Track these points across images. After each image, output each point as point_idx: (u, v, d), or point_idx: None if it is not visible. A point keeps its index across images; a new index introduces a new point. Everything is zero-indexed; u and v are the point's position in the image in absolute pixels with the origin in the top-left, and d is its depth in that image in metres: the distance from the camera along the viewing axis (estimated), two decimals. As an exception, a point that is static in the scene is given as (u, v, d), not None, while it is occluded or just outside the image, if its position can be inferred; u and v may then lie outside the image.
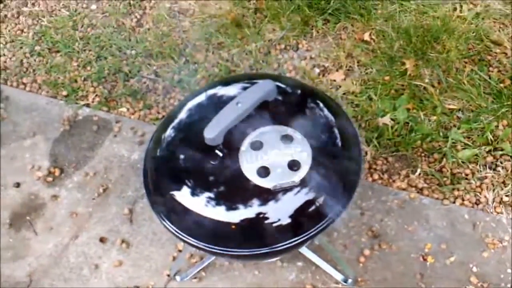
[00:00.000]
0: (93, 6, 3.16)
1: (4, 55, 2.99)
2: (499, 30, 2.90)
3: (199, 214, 1.57)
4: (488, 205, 2.37)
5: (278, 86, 1.65)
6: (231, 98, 1.57)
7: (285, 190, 1.54)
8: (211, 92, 1.78)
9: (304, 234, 1.57)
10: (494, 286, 2.19)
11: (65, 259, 2.33)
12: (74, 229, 2.40)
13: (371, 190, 2.41)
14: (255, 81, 1.66)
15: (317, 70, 2.79)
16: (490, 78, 2.70)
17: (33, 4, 3.20)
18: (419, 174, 2.45)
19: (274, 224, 1.55)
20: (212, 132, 1.49)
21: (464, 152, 2.48)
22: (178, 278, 2.24)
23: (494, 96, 2.65)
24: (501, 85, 2.68)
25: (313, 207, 1.57)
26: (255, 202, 1.55)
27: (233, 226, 1.56)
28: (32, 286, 2.29)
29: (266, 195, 1.54)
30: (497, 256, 2.25)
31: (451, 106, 2.63)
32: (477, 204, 2.38)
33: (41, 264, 2.33)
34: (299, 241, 1.58)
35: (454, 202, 2.38)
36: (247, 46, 2.89)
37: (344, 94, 2.68)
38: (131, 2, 3.15)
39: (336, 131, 1.68)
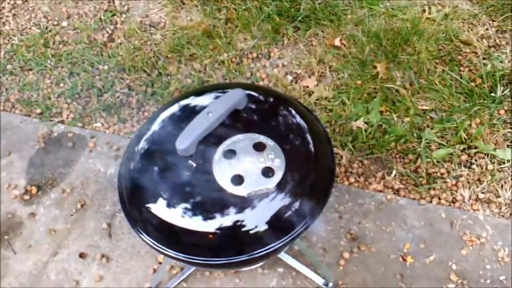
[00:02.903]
0: (64, 23, 3.16)
1: (-24, 75, 2.98)
2: (468, 30, 2.93)
3: (176, 226, 1.57)
4: (464, 203, 2.40)
5: (248, 95, 1.66)
6: (203, 108, 1.58)
7: (260, 197, 1.54)
8: (183, 103, 1.78)
9: (282, 240, 1.58)
10: (474, 283, 2.21)
11: (45, 277, 2.32)
12: (53, 246, 2.39)
13: (348, 193, 2.42)
14: (226, 90, 1.67)
15: (289, 77, 2.81)
16: (461, 77, 2.73)
17: (3, 23, 3.19)
18: (395, 175, 2.47)
19: (252, 231, 1.55)
20: (184, 143, 1.50)
21: (438, 152, 2.51)
22: (159, 290, 2.25)
23: (466, 95, 2.68)
24: (472, 84, 2.71)
25: (289, 212, 1.57)
26: (231, 210, 1.55)
27: (211, 236, 1.56)
28: (13, 306, 2.29)
29: (242, 203, 1.54)
30: (476, 252, 2.28)
31: (424, 107, 2.65)
32: (454, 203, 2.40)
33: (21, 283, 2.31)
34: (277, 246, 1.58)
35: (430, 202, 2.40)
36: (219, 56, 2.90)
37: (317, 100, 2.70)
38: (102, 17, 3.15)
39: (308, 136, 1.68)
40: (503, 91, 2.67)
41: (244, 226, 1.55)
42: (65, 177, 2.57)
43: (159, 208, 1.59)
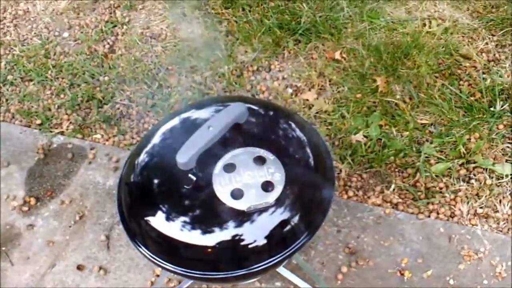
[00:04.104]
0: (65, 34, 3.17)
1: (-24, 85, 2.98)
2: (467, 44, 2.94)
3: (174, 239, 1.56)
4: (463, 218, 2.40)
5: (249, 108, 1.66)
6: (204, 121, 1.58)
7: (260, 211, 1.54)
8: (184, 116, 1.78)
9: (281, 254, 1.57)
10: (472, 298, 2.22)
11: (43, 289, 2.32)
12: (51, 257, 2.39)
13: (346, 207, 2.42)
14: (227, 104, 1.67)
15: (289, 90, 2.82)
16: (460, 92, 2.74)
17: (4, 34, 3.19)
18: (394, 189, 2.47)
19: (250, 246, 1.55)
20: (184, 156, 1.50)
21: (437, 166, 2.51)
22: (157, 303, 2.24)
23: (465, 110, 2.68)
24: (472, 98, 2.72)
25: (288, 227, 1.57)
26: (230, 224, 1.55)
27: (209, 250, 1.56)
28: (11, 317, 2.28)
29: (241, 217, 1.54)
30: (473, 268, 2.27)
31: (423, 121, 2.66)
32: (452, 217, 2.40)
33: (19, 295, 2.32)
34: (275, 261, 1.58)
35: (429, 216, 2.40)
36: (220, 68, 2.91)
37: (317, 113, 2.70)
38: (103, 28, 3.16)
39: (308, 150, 1.68)
40: (502, 106, 2.68)
41: (243, 240, 1.54)
42: (64, 189, 2.57)
43: (158, 221, 1.59)
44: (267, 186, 1.56)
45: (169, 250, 1.60)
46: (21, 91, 2.93)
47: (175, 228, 1.56)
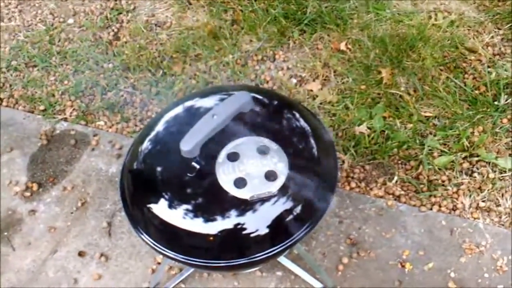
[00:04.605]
0: (70, 20, 3.16)
1: (-20, 70, 2.98)
2: (473, 38, 2.93)
3: (176, 227, 1.57)
4: (465, 211, 2.40)
5: (254, 98, 1.65)
6: (208, 110, 1.58)
7: (262, 200, 1.54)
8: (188, 104, 1.78)
9: (282, 244, 1.58)
10: (473, 292, 2.22)
11: (44, 274, 2.32)
12: (52, 243, 2.39)
13: (348, 198, 2.42)
14: (231, 92, 1.67)
15: (294, 81, 2.81)
16: (465, 85, 2.73)
17: (9, 19, 3.19)
18: (396, 181, 2.47)
19: (252, 235, 1.55)
20: (188, 144, 1.50)
21: (440, 159, 2.51)
22: (158, 290, 2.25)
23: (469, 103, 2.68)
24: (476, 92, 2.71)
25: (290, 217, 1.57)
26: (233, 213, 1.55)
27: (211, 238, 1.56)
28: (12, 302, 2.29)
29: (244, 206, 1.54)
30: (475, 261, 2.27)
31: (427, 114, 2.65)
32: (454, 210, 2.40)
33: (20, 280, 2.31)
34: (277, 251, 1.58)
35: (431, 209, 2.40)
36: (224, 57, 2.90)
37: (321, 103, 2.70)
38: (108, 15, 3.15)
39: (312, 140, 1.68)
40: (506, 100, 2.67)
41: (245, 229, 1.55)
42: (67, 175, 2.57)
43: (160, 209, 1.59)
44: (270, 176, 1.56)
45: (171, 237, 1.60)
46: (25, 76, 2.93)
47: (177, 216, 1.57)
